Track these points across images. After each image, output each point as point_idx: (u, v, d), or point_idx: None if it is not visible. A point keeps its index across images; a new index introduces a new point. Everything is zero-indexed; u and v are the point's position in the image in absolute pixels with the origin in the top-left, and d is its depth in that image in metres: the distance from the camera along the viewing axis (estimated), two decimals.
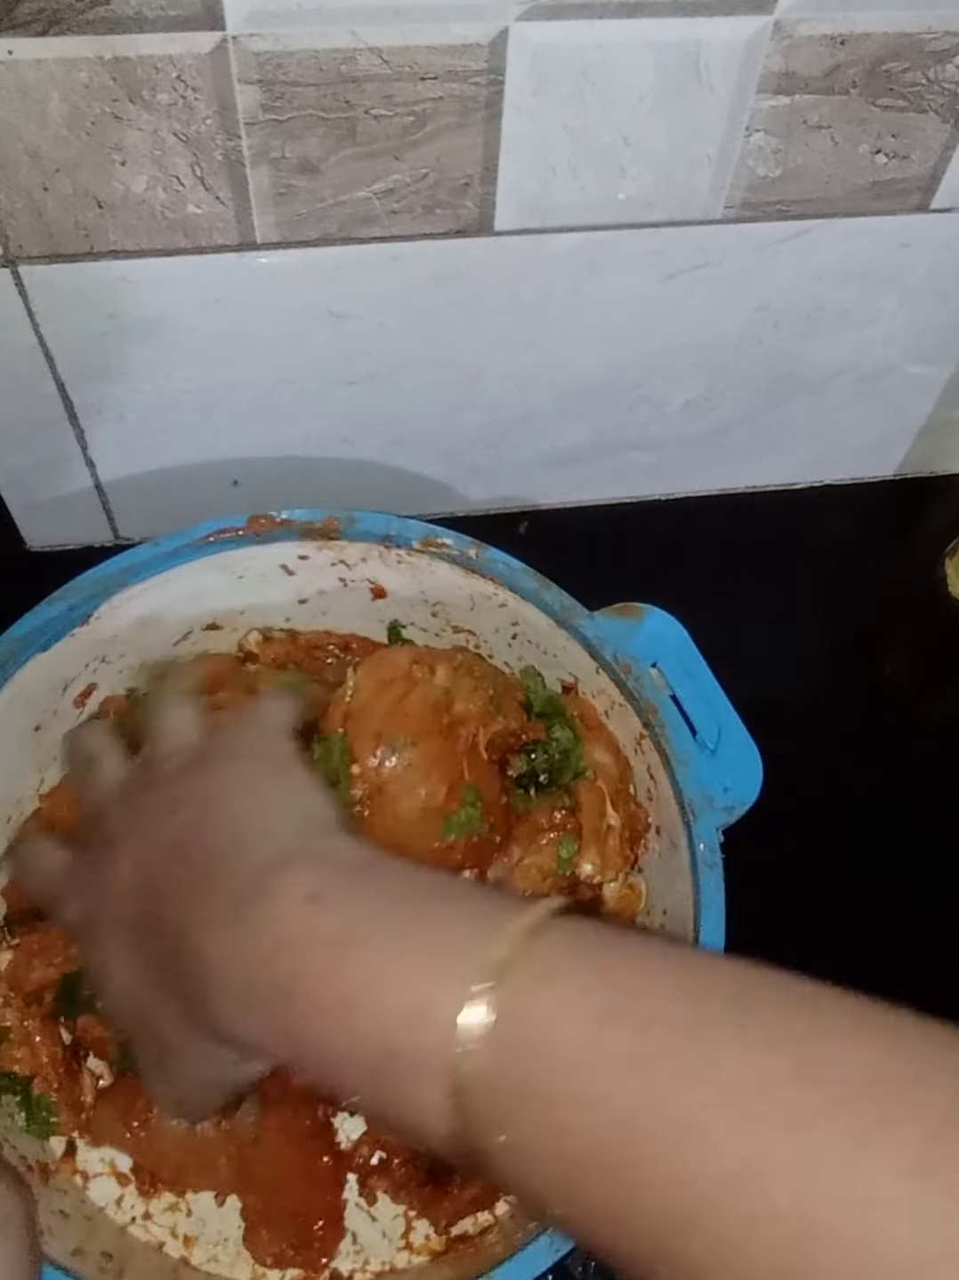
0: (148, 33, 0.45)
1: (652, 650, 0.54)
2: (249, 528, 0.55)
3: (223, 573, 0.57)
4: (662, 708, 0.52)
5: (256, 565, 0.57)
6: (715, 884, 0.48)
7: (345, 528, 0.56)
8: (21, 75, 0.45)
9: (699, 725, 0.53)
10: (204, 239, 0.53)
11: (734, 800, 0.51)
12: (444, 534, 0.55)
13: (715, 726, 0.53)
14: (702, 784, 0.50)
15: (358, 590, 0.59)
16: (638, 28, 0.48)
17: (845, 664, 0.72)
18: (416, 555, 0.56)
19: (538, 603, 0.55)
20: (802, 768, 0.53)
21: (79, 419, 0.62)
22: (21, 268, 0.53)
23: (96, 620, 0.55)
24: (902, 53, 0.51)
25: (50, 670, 0.54)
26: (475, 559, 0.55)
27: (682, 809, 0.50)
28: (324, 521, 0.55)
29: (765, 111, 0.52)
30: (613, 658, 0.53)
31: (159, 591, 0.56)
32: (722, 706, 0.53)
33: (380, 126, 0.50)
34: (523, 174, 0.53)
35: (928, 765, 0.68)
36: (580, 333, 0.63)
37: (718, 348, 0.66)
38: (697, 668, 0.54)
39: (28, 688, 0.53)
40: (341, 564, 0.58)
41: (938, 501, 0.78)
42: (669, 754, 0.51)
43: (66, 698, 0.57)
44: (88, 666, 0.56)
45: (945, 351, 0.70)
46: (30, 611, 0.53)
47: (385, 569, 0.58)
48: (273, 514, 0.55)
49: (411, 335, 0.61)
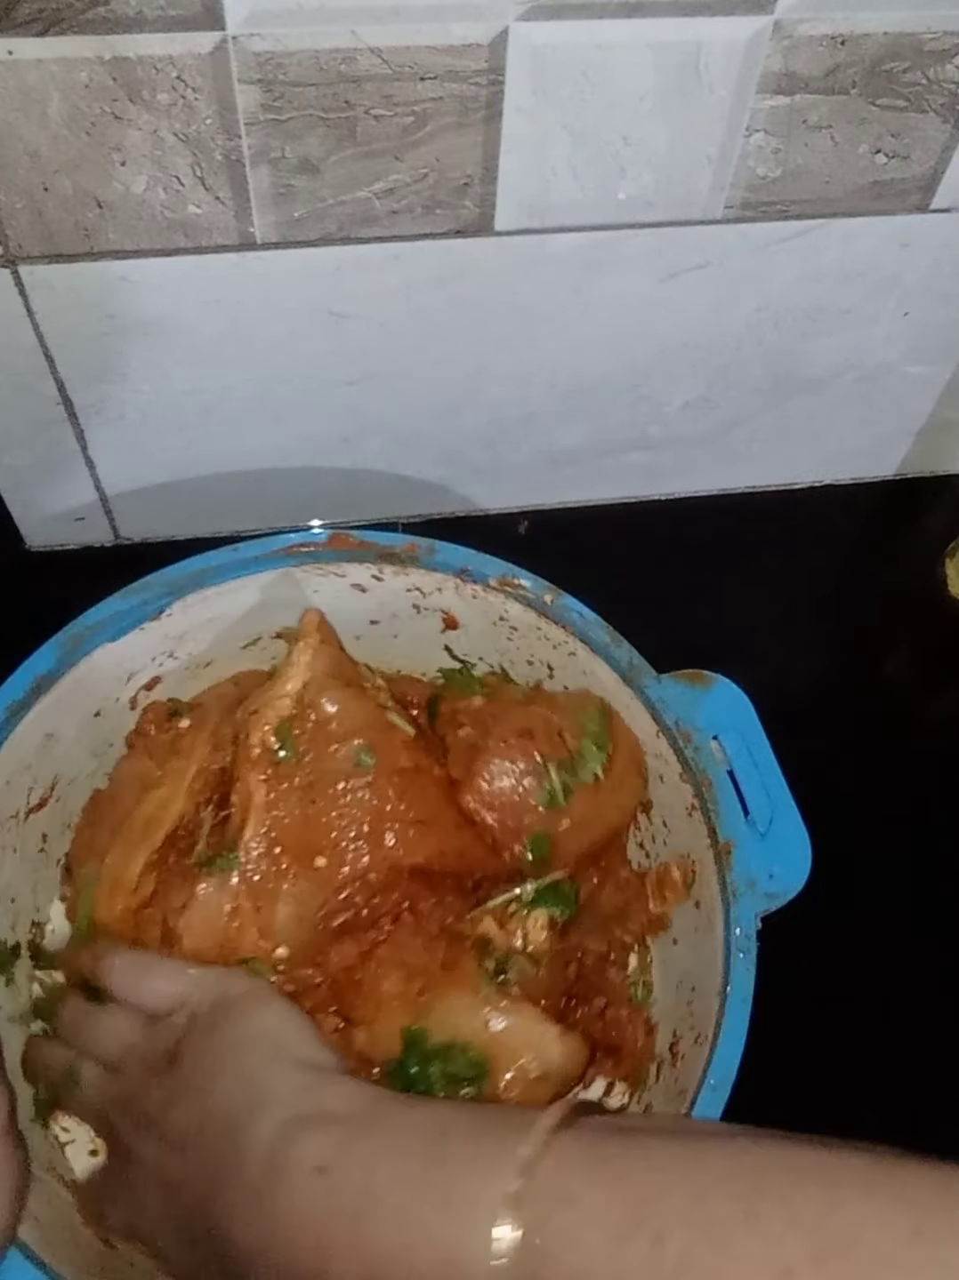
0: (148, 33, 0.45)
1: (716, 722, 0.52)
2: (329, 544, 0.55)
3: (297, 585, 0.57)
4: (716, 782, 0.51)
5: (331, 581, 0.57)
6: (746, 970, 0.47)
7: (424, 557, 0.56)
8: (21, 75, 0.45)
9: (753, 806, 0.51)
10: (204, 239, 0.53)
11: (778, 888, 0.49)
12: (522, 575, 0.55)
13: (769, 809, 0.51)
14: (747, 866, 0.49)
15: (430, 618, 0.59)
16: (638, 28, 0.48)
17: (845, 664, 0.72)
18: (492, 592, 0.56)
19: (607, 657, 0.54)
20: (799, 768, 0.52)
21: (79, 419, 0.62)
22: (21, 268, 0.53)
23: (168, 617, 0.55)
24: (902, 53, 0.51)
25: (117, 660, 0.55)
26: (549, 605, 0.55)
27: (723, 889, 0.49)
28: (404, 548, 0.55)
29: (765, 111, 0.52)
30: (674, 724, 0.52)
31: (233, 596, 0.56)
32: (778, 790, 0.51)
33: (380, 126, 0.50)
34: (523, 174, 0.53)
35: (928, 765, 0.68)
36: (580, 333, 0.63)
37: (718, 348, 0.66)
38: (758, 746, 0.52)
39: (93, 674, 0.54)
40: (417, 591, 0.58)
41: (938, 501, 0.78)
42: (717, 830, 0.50)
43: (130, 687, 0.57)
44: (154, 660, 0.57)
45: (945, 351, 0.70)
46: (104, 601, 0.53)
47: (459, 601, 0.57)
48: (353, 534, 0.55)
49: (411, 335, 0.61)
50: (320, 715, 0.51)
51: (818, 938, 0.54)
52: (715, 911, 0.50)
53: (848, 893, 0.58)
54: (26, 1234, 0.43)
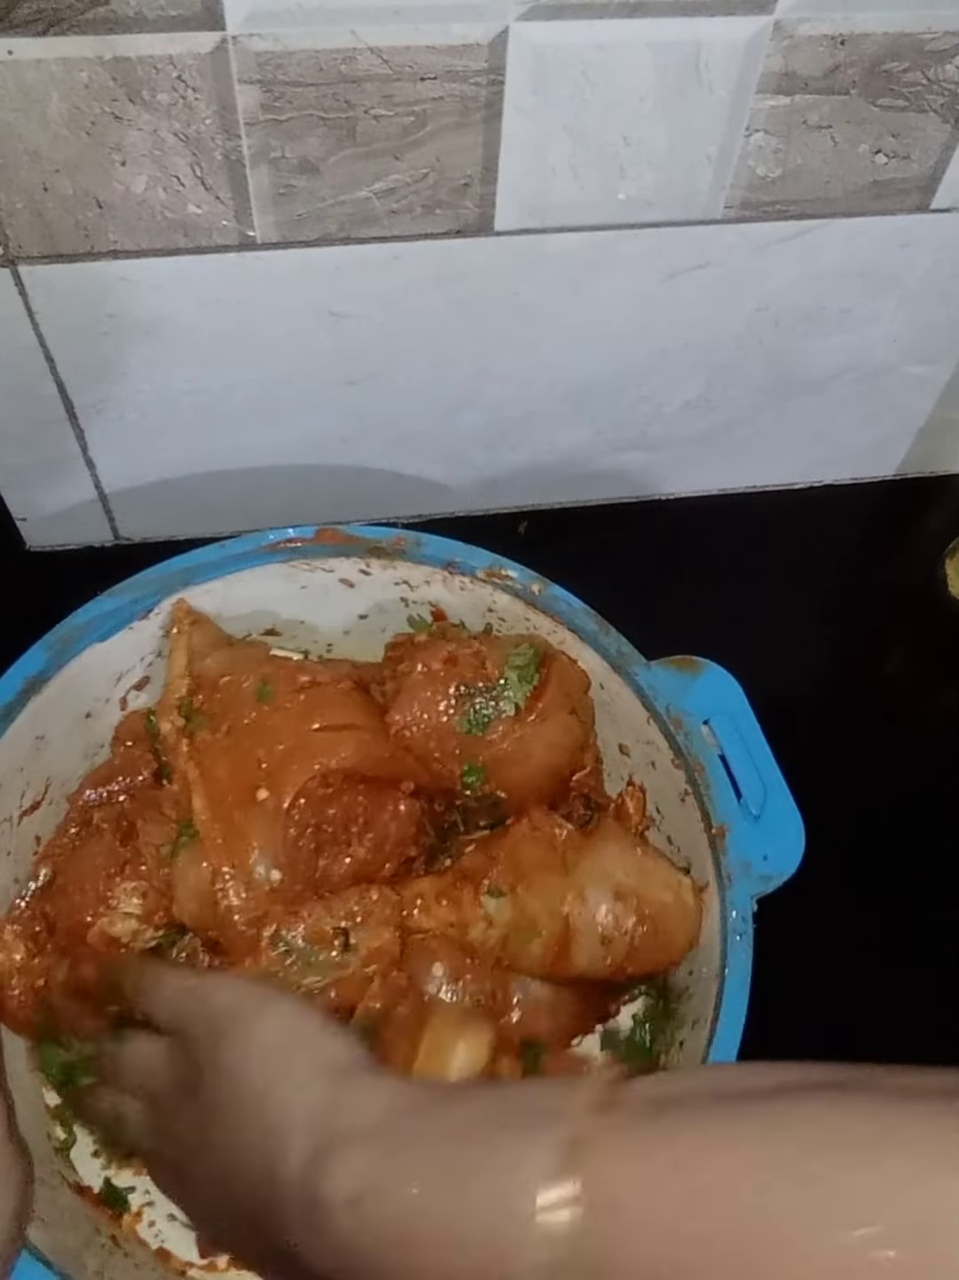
0: (148, 33, 0.45)
1: (706, 707, 0.53)
2: (316, 539, 0.56)
3: (286, 581, 0.57)
4: (709, 766, 0.51)
5: (319, 576, 0.58)
6: (744, 953, 0.47)
7: (411, 550, 0.56)
8: (21, 75, 0.45)
9: (745, 789, 0.51)
10: (204, 239, 0.53)
11: (772, 869, 0.50)
12: (509, 566, 0.55)
13: (761, 792, 0.51)
14: (740, 849, 0.49)
15: (418, 611, 0.59)
16: (638, 28, 0.48)
17: (845, 664, 0.72)
18: (479, 584, 0.56)
19: (596, 645, 0.54)
20: (799, 768, 0.52)
21: (79, 419, 0.62)
22: (21, 268, 0.53)
23: (156, 615, 0.55)
24: (902, 53, 0.51)
25: (106, 660, 0.55)
26: (538, 594, 0.55)
27: (718, 872, 0.49)
28: (391, 541, 0.56)
29: (765, 111, 0.52)
30: (665, 710, 0.53)
31: (222, 593, 0.56)
32: (770, 773, 0.52)
33: (380, 126, 0.50)
34: (523, 174, 0.53)
35: (928, 765, 0.68)
36: (580, 333, 0.63)
37: (718, 348, 0.66)
38: (749, 730, 0.53)
39: (83, 674, 0.54)
40: (405, 584, 0.58)
41: (938, 501, 0.78)
42: (710, 814, 0.50)
43: (120, 688, 0.57)
44: (143, 660, 0.57)
45: (945, 351, 0.70)
46: (92, 600, 0.53)
47: (448, 594, 0.58)
48: (341, 528, 0.56)
49: (412, 335, 0.61)
50: (211, 675, 0.54)
51: (814, 919, 0.54)
52: (712, 895, 0.50)
53: (843, 876, 0.59)
54: (35, 1236, 0.43)
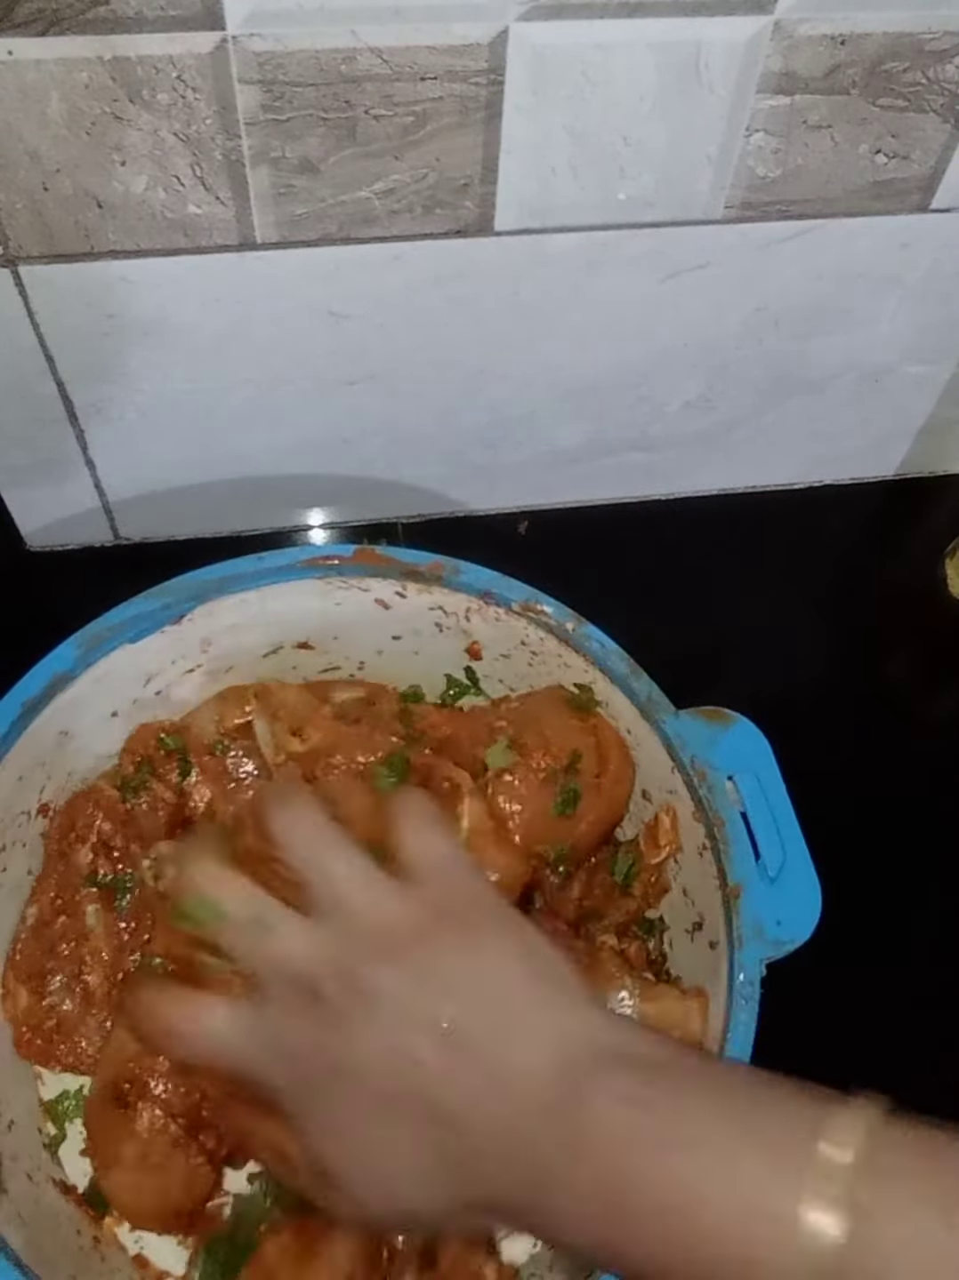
0: (148, 33, 0.45)
1: (731, 761, 0.52)
2: (354, 559, 0.55)
3: (321, 597, 0.57)
4: (729, 822, 0.50)
5: (354, 595, 0.57)
6: (748, 1019, 0.46)
7: (449, 576, 0.55)
8: (21, 75, 0.45)
9: (764, 850, 0.50)
10: (204, 239, 0.53)
11: (785, 935, 0.48)
12: (545, 601, 0.55)
13: (780, 855, 0.50)
14: (754, 911, 0.48)
15: (452, 638, 0.59)
16: (638, 28, 0.48)
17: (845, 664, 0.72)
18: (514, 616, 0.56)
19: (625, 689, 0.54)
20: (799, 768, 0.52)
21: (79, 419, 0.62)
22: (21, 268, 0.53)
23: (189, 621, 0.55)
24: (902, 53, 0.51)
25: (136, 662, 0.55)
26: (571, 632, 0.54)
27: (729, 933, 0.48)
28: (429, 566, 0.55)
29: (765, 111, 0.52)
30: (690, 761, 0.51)
31: (256, 604, 0.56)
32: (792, 836, 0.50)
33: (380, 126, 0.50)
34: (523, 174, 0.53)
35: (928, 765, 0.68)
36: (580, 333, 0.63)
37: (718, 348, 0.66)
38: (774, 790, 0.51)
39: (112, 674, 0.54)
40: (439, 610, 0.58)
41: (938, 501, 0.78)
42: (727, 872, 0.49)
43: (149, 690, 0.57)
44: (174, 664, 0.57)
45: (945, 351, 0.70)
46: (125, 602, 0.53)
47: (483, 624, 0.57)
48: (380, 549, 0.56)
49: (411, 335, 0.61)
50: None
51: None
52: (721, 957, 0.49)
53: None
54: (13, 1237, 0.43)
